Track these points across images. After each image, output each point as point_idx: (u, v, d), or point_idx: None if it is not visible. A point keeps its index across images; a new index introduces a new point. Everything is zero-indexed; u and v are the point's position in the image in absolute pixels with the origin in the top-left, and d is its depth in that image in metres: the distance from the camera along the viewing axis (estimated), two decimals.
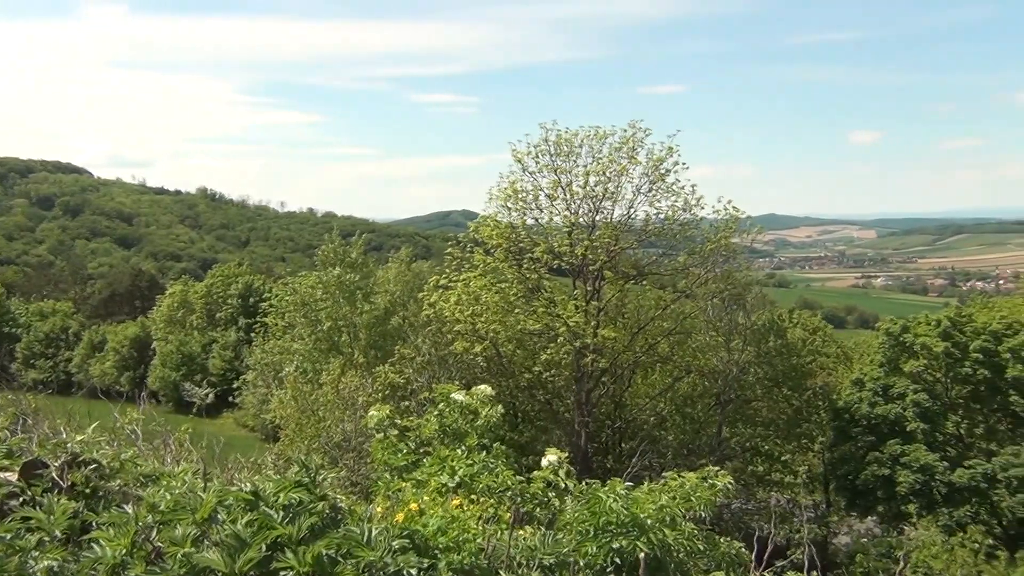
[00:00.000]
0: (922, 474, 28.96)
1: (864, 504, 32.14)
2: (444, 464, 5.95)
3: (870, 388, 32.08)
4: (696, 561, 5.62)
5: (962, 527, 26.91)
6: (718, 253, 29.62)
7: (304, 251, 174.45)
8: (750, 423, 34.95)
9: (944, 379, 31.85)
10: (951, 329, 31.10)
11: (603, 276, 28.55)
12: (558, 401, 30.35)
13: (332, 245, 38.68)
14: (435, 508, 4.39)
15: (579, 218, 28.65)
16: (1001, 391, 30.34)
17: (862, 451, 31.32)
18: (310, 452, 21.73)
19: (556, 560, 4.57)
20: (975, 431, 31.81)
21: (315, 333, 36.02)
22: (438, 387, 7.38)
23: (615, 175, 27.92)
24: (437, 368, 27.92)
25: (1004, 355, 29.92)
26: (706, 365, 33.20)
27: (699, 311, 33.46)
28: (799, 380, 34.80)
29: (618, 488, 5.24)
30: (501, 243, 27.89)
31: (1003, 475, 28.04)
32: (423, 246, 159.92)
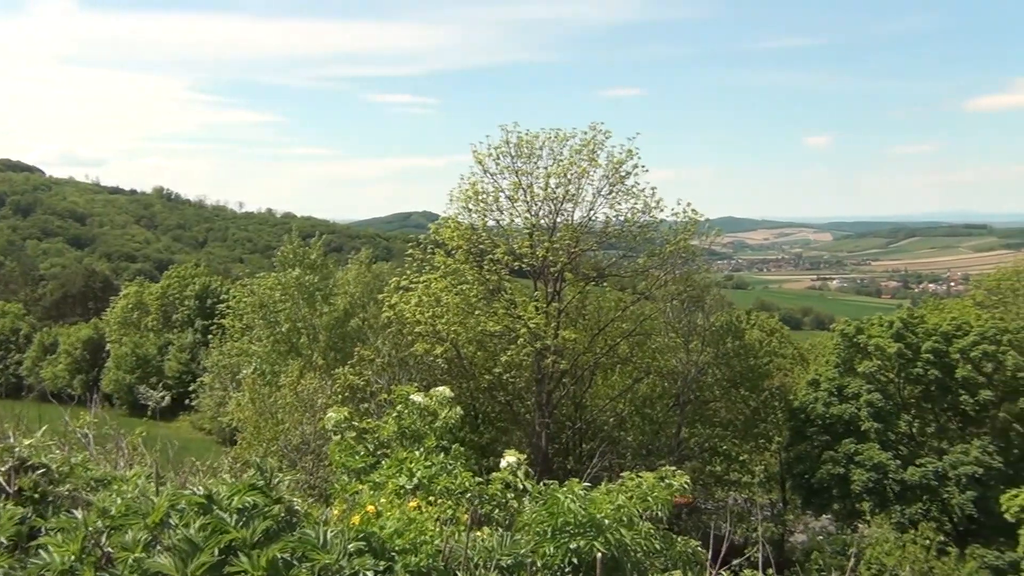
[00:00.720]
0: (875, 472, 29.49)
1: (819, 502, 32.63)
2: (402, 466, 5.92)
3: (825, 388, 32.60)
4: (653, 560, 5.66)
5: (914, 524, 27.44)
6: (677, 255, 29.89)
7: (263, 252, 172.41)
8: (708, 423, 35.34)
9: (897, 379, 32.46)
10: (903, 330, 31.71)
11: (564, 278, 28.64)
12: (519, 402, 30.39)
13: (291, 246, 38.29)
14: (392, 510, 4.37)
15: (540, 220, 28.72)
16: (951, 391, 31.01)
17: (817, 450, 31.80)
18: (267, 455, 21.50)
19: (514, 561, 4.57)
20: (926, 430, 32.47)
21: (274, 335, 35.62)
22: (396, 389, 7.34)
23: (576, 177, 28.04)
24: (397, 370, 27.78)
25: (954, 356, 30.59)
26: (665, 366, 33.50)
27: (658, 313, 33.74)
28: (756, 381, 35.27)
29: (576, 489, 5.27)
30: (462, 244, 27.85)
31: (953, 473, 28.67)
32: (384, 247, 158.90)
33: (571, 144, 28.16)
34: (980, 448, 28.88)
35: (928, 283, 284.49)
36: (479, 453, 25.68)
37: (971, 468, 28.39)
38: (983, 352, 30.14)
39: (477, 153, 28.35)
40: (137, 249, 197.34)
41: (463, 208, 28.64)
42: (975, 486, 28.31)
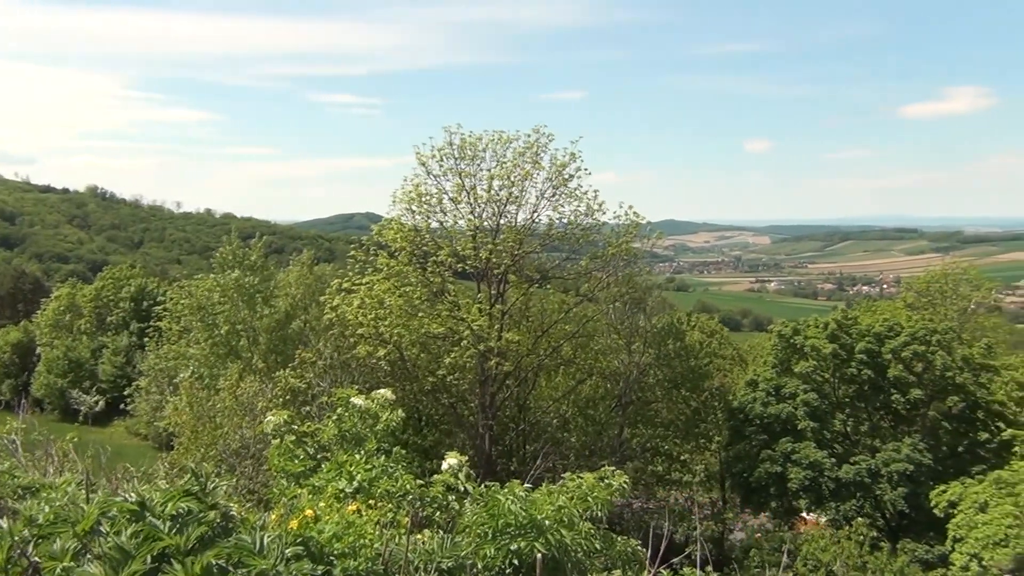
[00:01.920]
0: (811, 470, 30.11)
1: (758, 500, 33.19)
2: (342, 469, 5.87)
3: (763, 388, 33.20)
4: (594, 560, 5.72)
5: (848, 520, 28.08)
6: (619, 257, 30.13)
7: (201, 253, 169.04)
8: (650, 424, 35.73)
9: (832, 379, 33.23)
10: (838, 332, 32.49)
11: (507, 280, 28.68)
12: (462, 404, 30.34)
13: (231, 247, 37.62)
14: (331, 514, 4.33)
15: (483, 222, 28.71)
16: (883, 390, 31.86)
17: (756, 449, 32.36)
18: (206, 460, 21.11)
19: (455, 563, 4.57)
20: (860, 429, 33.30)
21: (212, 337, 34.93)
22: (337, 392, 7.27)
23: (519, 180, 28.10)
24: (339, 372, 27.49)
25: (886, 356, 31.43)
26: (608, 367, 33.79)
27: (601, 314, 34.01)
28: (697, 381, 35.77)
29: (516, 490, 5.29)
30: (405, 246, 27.68)
31: (885, 470, 29.44)
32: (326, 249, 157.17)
33: (514, 146, 28.22)
34: (911, 446, 29.72)
35: (862, 285, 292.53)
36: (422, 456, 25.57)
37: (902, 465, 29.18)
38: (913, 352, 31.04)
39: (420, 155, 28.24)
40: (70, 250, 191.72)
41: (406, 210, 28.47)
42: (906, 483, 29.11)
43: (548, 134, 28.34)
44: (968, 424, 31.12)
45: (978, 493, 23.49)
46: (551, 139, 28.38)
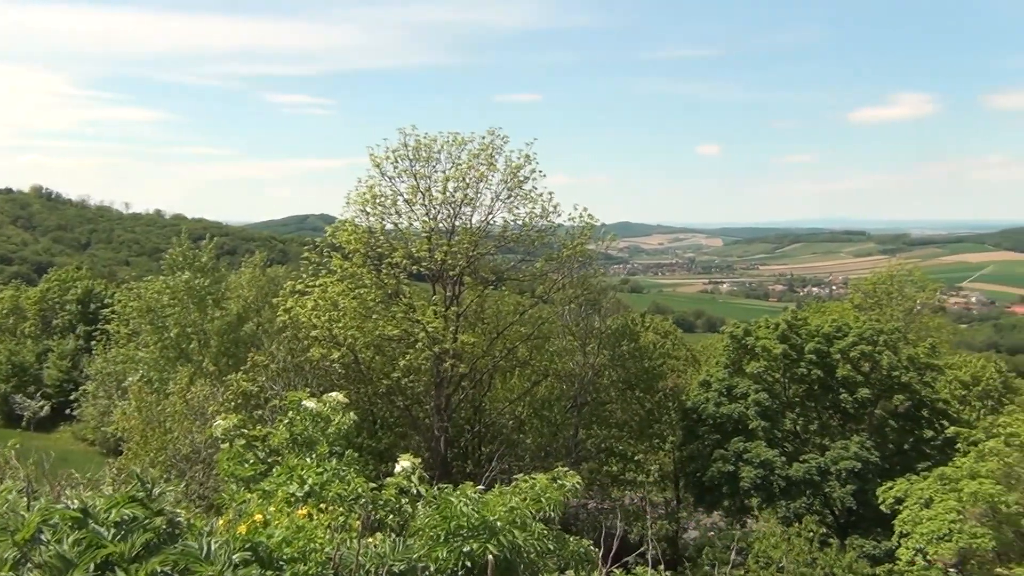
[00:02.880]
0: (763, 469, 30.52)
1: (711, 499, 33.54)
2: (293, 473, 5.82)
3: (716, 389, 33.57)
4: (546, 561, 5.74)
5: (798, 518, 28.48)
6: (574, 259, 30.30)
7: (151, 255, 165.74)
8: (605, 424, 35.96)
9: (782, 379, 33.75)
10: (788, 332, 33.01)
11: (462, 281, 28.66)
12: (417, 407, 30.22)
13: (181, 248, 37.00)
14: (281, 518, 4.29)
15: (438, 223, 28.65)
16: (832, 389, 32.44)
17: (709, 449, 32.69)
18: (155, 465, 20.75)
19: (406, 566, 4.56)
20: (810, 427, 33.87)
21: (162, 341, 34.32)
22: (288, 394, 7.20)
23: (474, 181, 28.10)
24: (293, 375, 27.22)
25: (835, 356, 32.02)
26: (563, 369, 33.94)
27: (556, 316, 34.16)
28: (651, 382, 36.09)
29: (469, 492, 5.29)
30: (359, 248, 27.50)
31: (834, 468, 29.97)
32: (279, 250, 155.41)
33: (469, 148, 28.23)
34: (859, 444, 30.29)
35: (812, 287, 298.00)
36: (377, 459, 25.46)
37: (850, 463, 29.72)
38: (861, 352, 31.66)
39: (374, 156, 28.09)
40: (13, 251, 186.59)
41: (360, 211, 28.29)
42: (854, 480, 29.64)
43: (503, 136, 28.42)
44: (913, 422, 31.84)
45: (923, 489, 24.04)
46: (506, 141, 28.48)
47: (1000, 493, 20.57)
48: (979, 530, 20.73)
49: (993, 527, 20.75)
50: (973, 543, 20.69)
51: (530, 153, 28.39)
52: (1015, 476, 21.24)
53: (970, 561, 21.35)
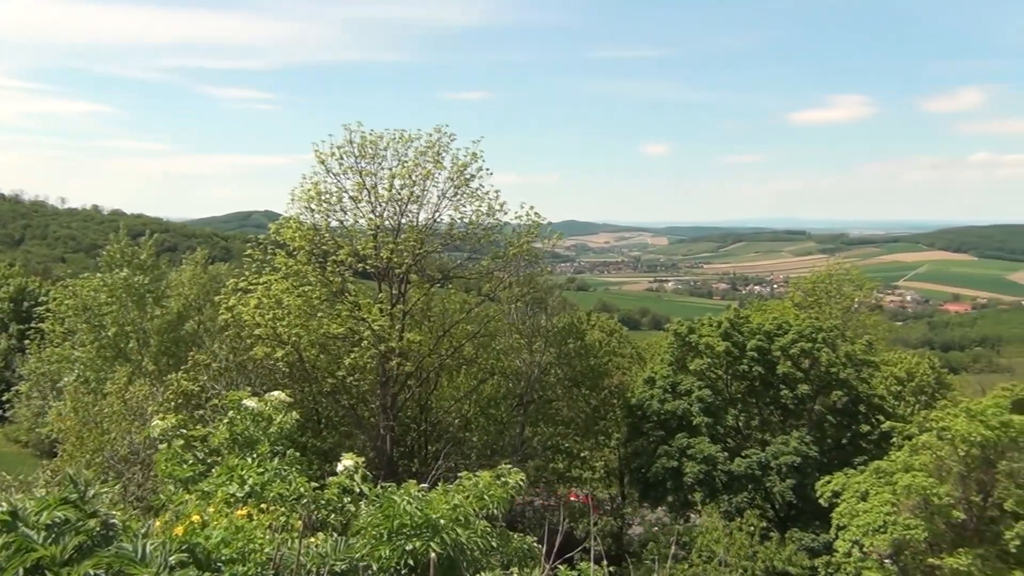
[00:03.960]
0: (706, 465, 30.99)
1: (655, 495, 33.92)
2: (233, 473, 5.73)
3: (660, 386, 33.97)
4: (489, 558, 5.75)
5: (740, 512, 29.03)
6: (521, 258, 30.35)
7: (88, 251, 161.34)
8: (551, 422, 36.13)
9: (725, 376, 34.31)
10: (731, 330, 33.56)
11: (408, 279, 28.51)
12: (363, 406, 29.99)
13: (119, 245, 36.04)
14: (220, 519, 4.23)
15: (384, 221, 28.43)
16: (773, 386, 33.08)
17: (653, 445, 33.07)
18: (92, 467, 20.28)
19: (348, 565, 4.54)
20: (751, 423, 34.49)
21: (99, 340, 33.43)
22: (229, 394, 7.10)
23: (420, 179, 27.95)
24: (235, 374, 26.79)
25: (776, 353, 32.65)
26: (509, 367, 34.00)
27: (503, 314, 34.20)
28: (597, 380, 36.36)
29: (412, 490, 5.28)
30: (304, 245, 27.16)
31: (775, 463, 30.58)
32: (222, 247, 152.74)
33: (416, 145, 28.07)
34: (798, 439, 30.94)
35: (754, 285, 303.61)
36: (322, 458, 25.19)
37: (790, 458, 30.35)
38: (801, 349, 32.34)
39: (319, 153, 27.74)
40: None
41: (305, 208, 27.93)
42: (794, 474, 30.26)
43: (450, 134, 28.34)
44: (851, 417, 32.62)
45: (859, 483, 24.65)
46: (453, 139, 28.39)
47: (932, 485, 21.19)
48: (912, 522, 21.34)
49: (926, 518, 21.38)
50: (907, 534, 21.28)
51: (477, 151, 28.36)
52: (946, 469, 21.91)
53: (904, 552, 21.97)
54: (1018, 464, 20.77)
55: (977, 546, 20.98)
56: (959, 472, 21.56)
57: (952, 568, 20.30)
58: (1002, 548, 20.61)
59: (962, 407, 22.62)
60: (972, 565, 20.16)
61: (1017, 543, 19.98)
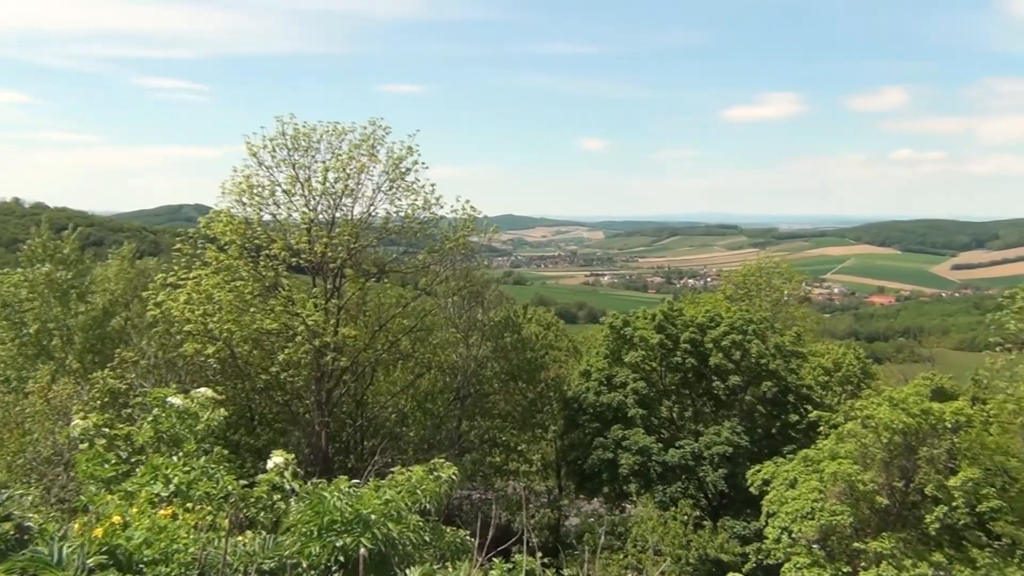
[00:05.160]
0: (641, 456, 31.41)
1: (591, 487, 34.26)
2: (158, 472, 5.60)
3: (596, 378, 34.30)
4: (422, 552, 5.74)
5: (674, 502, 29.53)
6: (457, 251, 30.30)
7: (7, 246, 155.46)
8: (488, 416, 36.21)
9: (659, 368, 34.81)
10: (664, 323, 34.06)
11: (343, 274, 28.20)
12: (297, 402, 29.57)
13: (41, 239, 34.81)
14: (142, 520, 4.12)
15: (318, 215, 28.06)
16: (706, 377, 33.70)
17: (589, 437, 33.37)
18: (13, 469, 19.61)
19: (277, 564, 4.47)
20: (685, 414, 35.09)
21: (20, 337, 32.26)
22: (153, 391, 6.92)
23: (355, 172, 27.65)
24: (165, 372, 26.16)
25: (708, 345, 33.25)
26: (446, 361, 33.94)
27: (439, 308, 34.13)
28: (533, 373, 36.55)
29: (343, 486, 5.23)
30: (235, 239, 26.63)
31: (707, 453, 31.16)
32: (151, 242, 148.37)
33: (350, 138, 27.74)
34: (730, 429, 31.58)
35: (688, 279, 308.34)
36: (255, 456, 24.79)
37: (722, 448, 30.96)
38: (732, 341, 32.99)
39: (251, 145, 27.21)
40: None
41: (236, 201, 27.36)
42: (726, 464, 30.89)
43: (385, 127, 28.09)
44: (780, 407, 33.43)
45: (788, 471, 25.29)
46: (388, 132, 28.16)
47: (857, 472, 21.86)
48: (839, 507, 21.99)
49: (851, 504, 22.05)
50: (833, 520, 21.92)
51: (413, 144, 28.18)
52: (871, 456, 22.61)
53: (830, 537, 22.60)
54: (938, 450, 21.53)
55: (900, 530, 21.72)
56: (882, 459, 22.26)
57: (876, 551, 20.99)
58: (923, 531, 21.38)
59: (885, 396, 23.36)
60: (895, 548, 20.88)
61: (937, 526, 20.74)
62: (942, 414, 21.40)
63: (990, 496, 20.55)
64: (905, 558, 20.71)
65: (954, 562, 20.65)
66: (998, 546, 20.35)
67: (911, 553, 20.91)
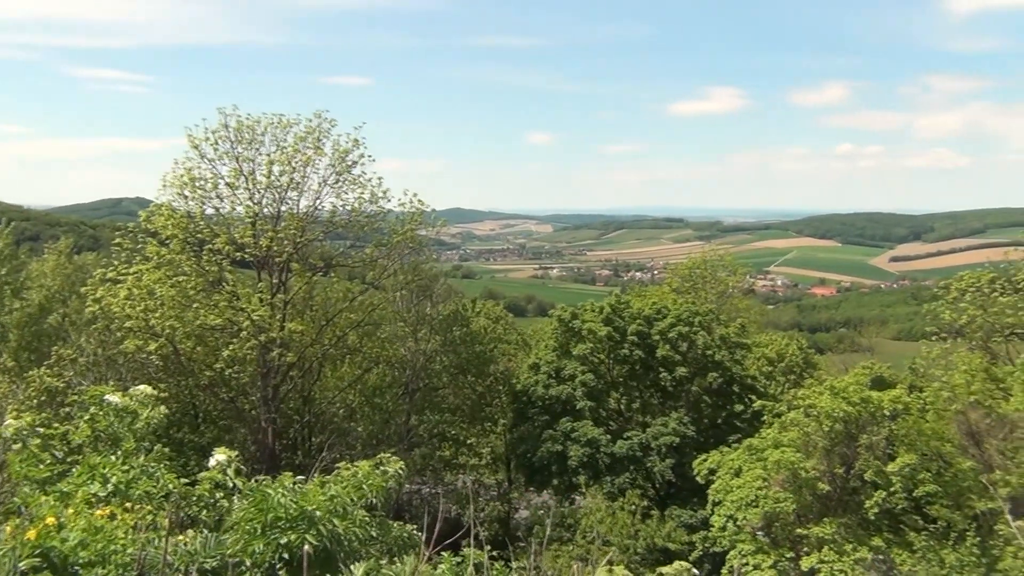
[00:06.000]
0: (589, 447, 31.61)
1: (541, 479, 34.38)
2: (95, 472, 5.46)
3: (545, 371, 34.41)
4: (369, 548, 5.70)
5: (623, 492, 29.80)
6: (405, 245, 30.16)
7: None
8: (437, 410, 36.07)
9: (607, 360, 35.06)
10: (612, 315, 34.30)
11: (290, 268, 27.86)
12: (243, 399, 29.18)
13: None
14: (77, 520, 4.01)
15: (263, 208, 27.68)
16: (653, 369, 34.03)
17: (538, 430, 33.48)
18: None
19: (219, 562, 4.40)
20: (632, 406, 35.41)
21: None
22: (89, 389, 6.75)
23: (300, 165, 27.34)
24: (105, 369, 25.57)
25: (655, 337, 33.58)
26: (394, 355, 33.75)
27: (387, 302, 33.90)
28: (482, 366, 36.56)
29: (287, 483, 5.17)
30: (177, 233, 26.13)
31: (655, 443, 31.50)
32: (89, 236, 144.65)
33: (295, 131, 27.42)
34: (677, 420, 31.96)
35: (635, 271, 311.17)
36: (199, 454, 24.37)
37: (670, 438, 31.31)
38: (678, 333, 33.37)
39: (192, 137, 26.69)
40: None
41: (178, 195, 26.84)
42: (673, 454, 31.25)
43: (330, 119, 27.83)
44: (725, 398, 33.95)
45: (733, 460, 25.72)
46: (334, 124, 27.89)
47: (800, 460, 22.32)
48: (782, 495, 22.43)
49: (794, 491, 22.50)
50: (777, 507, 22.36)
51: (359, 137, 27.99)
52: (813, 444, 23.10)
53: (774, 524, 23.05)
54: (877, 437, 22.08)
55: (841, 515, 22.24)
56: (824, 446, 22.76)
57: (818, 537, 21.47)
58: (863, 516, 21.92)
59: (826, 385, 23.87)
60: (836, 533, 21.38)
61: (876, 511, 21.29)
62: (881, 402, 21.95)
63: (926, 481, 21.17)
64: (846, 543, 21.22)
65: (892, 546, 21.23)
66: (934, 529, 20.96)
67: (851, 538, 21.43)
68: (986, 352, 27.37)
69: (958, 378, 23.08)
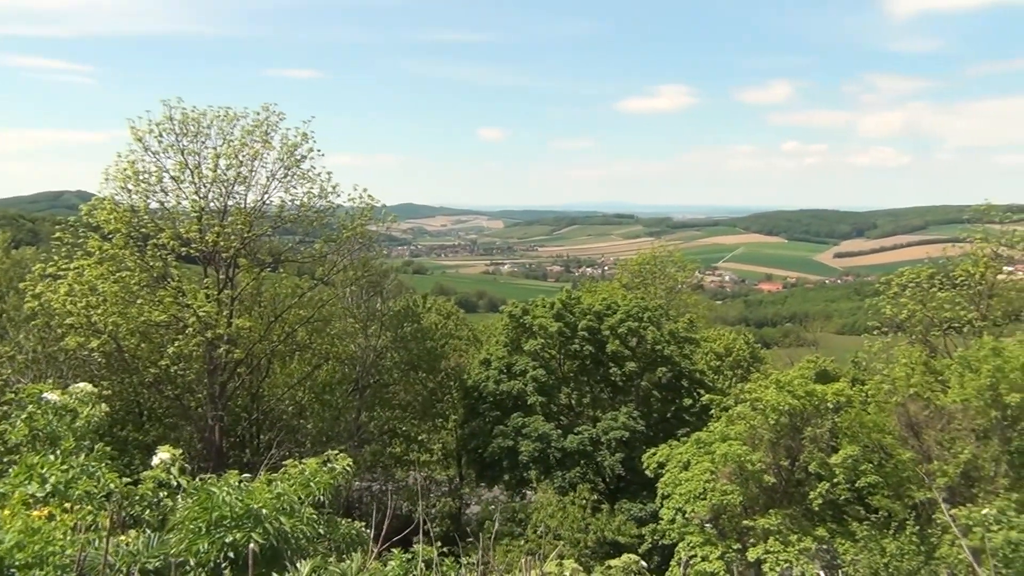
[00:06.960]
0: (540, 443, 31.77)
1: (492, 474, 34.45)
2: (32, 472, 5.32)
3: (496, 367, 34.47)
4: (316, 545, 5.65)
5: (573, 487, 30.00)
6: (355, 241, 29.92)
7: None
8: (388, 406, 35.93)
9: (558, 355, 35.26)
10: (563, 311, 34.49)
11: (237, 263, 27.43)
12: (189, 396, 28.65)
13: None
14: (14, 522, 3.91)
15: (209, 203, 27.17)
16: (603, 364, 34.32)
17: (490, 426, 33.54)
18: None
19: (163, 562, 4.33)
20: (583, 401, 35.64)
21: None
22: (26, 387, 6.57)
23: (248, 159, 26.90)
24: (45, 367, 24.89)
25: (605, 332, 33.87)
26: (344, 352, 33.46)
27: (337, 298, 33.59)
28: (433, 362, 36.44)
29: (232, 481, 5.10)
30: (120, 228, 25.52)
31: (605, 438, 31.78)
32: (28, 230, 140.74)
33: (242, 124, 26.95)
34: (627, 414, 32.27)
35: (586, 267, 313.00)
36: (144, 452, 23.88)
37: (619, 432, 31.62)
38: (628, 328, 33.71)
39: (135, 129, 26.07)
40: None
41: (121, 188, 26.19)
42: (623, 448, 31.56)
43: (279, 113, 27.41)
44: (674, 392, 34.37)
45: (682, 453, 26.06)
46: (282, 118, 27.49)
47: (746, 453, 22.69)
48: (729, 487, 22.79)
49: (741, 484, 22.88)
50: (724, 499, 22.71)
51: (307, 131, 27.63)
52: (759, 437, 23.51)
53: (722, 516, 23.41)
54: (821, 430, 22.55)
55: (786, 507, 22.69)
56: (770, 439, 23.18)
57: (764, 528, 21.87)
58: (807, 507, 22.39)
59: (772, 379, 24.33)
60: (782, 524, 21.81)
61: (820, 502, 21.76)
62: (825, 395, 22.44)
63: (868, 472, 21.70)
64: (791, 533, 21.66)
65: (836, 535, 21.72)
66: (875, 519, 21.48)
67: (796, 528, 21.88)
68: (925, 346, 28.17)
69: (898, 371, 23.72)
